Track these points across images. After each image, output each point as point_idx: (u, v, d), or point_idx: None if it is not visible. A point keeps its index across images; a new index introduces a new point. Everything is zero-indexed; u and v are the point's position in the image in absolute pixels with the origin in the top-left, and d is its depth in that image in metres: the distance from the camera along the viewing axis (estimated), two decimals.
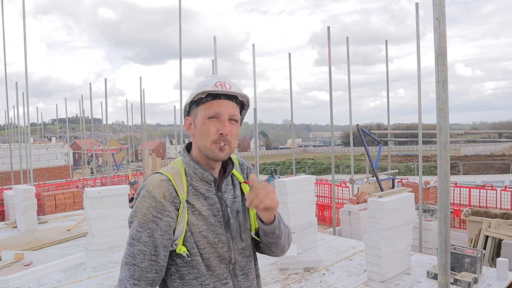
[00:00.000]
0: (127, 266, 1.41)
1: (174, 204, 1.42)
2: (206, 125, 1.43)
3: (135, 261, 1.40)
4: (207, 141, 1.43)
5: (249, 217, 1.58)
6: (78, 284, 4.62)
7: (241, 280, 1.53)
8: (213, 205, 1.47)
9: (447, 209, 1.85)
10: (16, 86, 12.36)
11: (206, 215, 1.45)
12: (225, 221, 1.48)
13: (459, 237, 8.29)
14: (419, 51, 6.52)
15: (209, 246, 1.45)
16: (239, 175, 1.62)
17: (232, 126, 1.44)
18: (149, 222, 1.40)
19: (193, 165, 1.47)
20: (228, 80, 1.47)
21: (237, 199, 1.56)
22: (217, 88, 1.41)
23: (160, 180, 1.43)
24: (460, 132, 9.79)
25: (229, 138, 1.43)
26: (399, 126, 67.97)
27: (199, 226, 1.44)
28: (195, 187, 1.47)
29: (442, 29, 1.67)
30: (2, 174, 15.14)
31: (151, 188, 1.42)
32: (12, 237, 6.87)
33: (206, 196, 1.47)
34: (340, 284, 4.38)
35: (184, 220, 1.42)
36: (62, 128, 28.46)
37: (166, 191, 1.41)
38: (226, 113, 1.43)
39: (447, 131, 1.74)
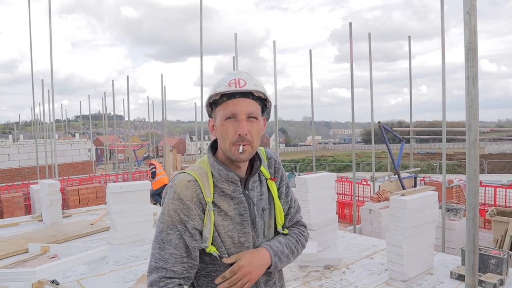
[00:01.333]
0: (159, 269, 1.40)
1: (201, 206, 1.42)
2: (224, 126, 1.39)
3: (167, 265, 1.39)
4: (227, 143, 1.39)
5: (274, 214, 1.58)
6: (101, 277, 4.71)
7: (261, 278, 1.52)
8: (240, 204, 1.46)
9: (475, 209, 1.80)
10: (42, 83, 12.65)
11: (232, 215, 1.45)
12: (251, 219, 1.48)
13: (484, 238, 8.10)
14: (443, 47, 6.38)
15: (234, 246, 1.45)
16: (265, 171, 1.58)
17: (251, 124, 1.39)
18: (177, 224, 1.41)
19: (217, 167, 1.45)
20: (244, 76, 1.41)
21: (263, 196, 1.54)
22: (230, 87, 1.37)
23: (188, 181, 1.42)
24: (485, 130, 9.54)
25: (249, 138, 1.38)
26: (421, 123, 66.83)
27: (225, 226, 1.44)
28: (221, 188, 1.45)
29: (472, 24, 1.62)
30: (28, 169, 15.54)
31: (179, 190, 1.41)
32: (38, 230, 7.05)
33: (232, 196, 1.45)
34: (361, 282, 4.34)
35: (210, 222, 1.41)
36: (85, 125, 29.00)
37: (193, 193, 1.41)
38: (242, 112, 1.38)
39: (477, 128, 1.69)
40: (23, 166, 15.81)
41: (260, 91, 1.40)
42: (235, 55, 9.57)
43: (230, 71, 1.46)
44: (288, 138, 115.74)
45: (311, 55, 11.09)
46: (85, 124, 28.75)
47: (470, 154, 1.74)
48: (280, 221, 1.59)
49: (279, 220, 1.58)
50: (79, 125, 27.44)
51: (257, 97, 1.42)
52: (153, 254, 1.43)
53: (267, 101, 1.47)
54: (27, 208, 10.75)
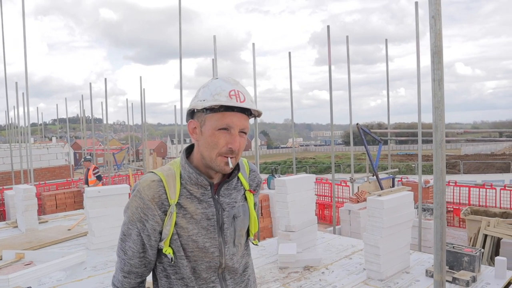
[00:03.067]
0: (119, 259, 1.52)
1: (162, 207, 1.41)
2: (215, 136, 1.36)
3: (125, 256, 1.49)
4: (214, 153, 1.38)
5: (248, 222, 1.58)
6: (78, 283, 4.64)
7: (230, 284, 1.52)
8: (208, 208, 1.45)
9: (442, 207, 1.86)
10: (16, 86, 12.37)
11: (198, 219, 1.43)
12: (219, 225, 1.46)
13: (459, 236, 8.30)
14: (418, 50, 6.53)
15: (198, 250, 1.44)
16: (245, 181, 1.58)
17: (241, 139, 1.40)
18: (137, 221, 1.44)
19: (188, 169, 1.44)
20: (241, 88, 1.40)
21: (236, 204, 1.52)
22: (231, 100, 1.34)
23: (152, 180, 1.42)
24: (460, 131, 9.79)
25: (237, 151, 1.39)
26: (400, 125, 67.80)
27: (189, 229, 1.42)
28: (189, 191, 1.44)
29: (438, 28, 1.68)
30: (2, 174, 15.17)
31: (141, 188, 1.42)
32: (12, 237, 6.89)
33: (200, 199, 1.44)
34: (340, 282, 4.39)
35: (170, 223, 1.40)
36: (63, 128, 28.49)
37: (155, 193, 1.41)
38: (237, 126, 1.37)
39: (443, 129, 1.75)
40: None
41: (258, 111, 1.42)
42: (214, 57, 9.57)
43: (225, 78, 1.42)
44: (269, 140, 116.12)
45: (291, 57, 11.17)
46: (63, 128, 28.24)
47: (437, 154, 1.79)
48: (253, 230, 1.61)
49: (252, 229, 1.61)
50: (56, 128, 26.95)
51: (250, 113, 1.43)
52: (117, 245, 1.53)
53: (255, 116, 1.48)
54: (1, 214, 10.50)
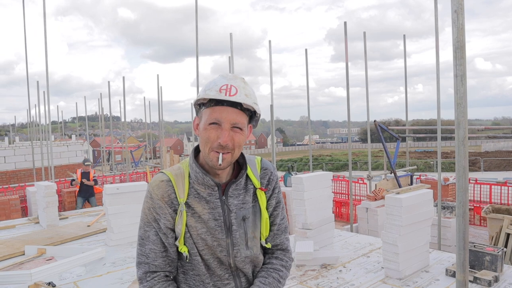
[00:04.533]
0: (142, 265, 1.45)
1: (172, 206, 1.43)
2: (206, 131, 1.36)
3: (148, 259, 1.44)
4: (207, 148, 1.37)
5: (260, 224, 1.53)
6: (98, 278, 4.71)
7: (244, 282, 1.51)
8: (215, 209, 1.44)
9: (465, 206, 1.82)
10: (37, 85, 12.63)
11: (205, 219, 1.43)
12: (226, 226, 1.45)
13: (480, 235, 8.14)
14: (437, 45, 6.41)
15: (207, 248, 1.44)
16: (255, 179, 1.52)
17: (234, 134, 1.36)
18: (152, 222, 1.45)
19: (195, 168, 1.43)
20: (237, 83, 1.36)
21: (246, 205, 1.49)
22: (220, 93, 1.32)
23: (161, 181, 1.44)
24: (480, 127, 9.59)
25: (230, 146, 1.35)
26: (418, 122, 67.01)
27: (198, 228, 1.43)
28: (197, 190, 1.44)
29: (460, 22, 1.63)
30: (24, 171, 15.51)
31: (151, 189, 1.44)
32: (34, 232, 7.04)
33: (207, 200, 1.44)
34: (357, 281, 4.36)
35: (182, 222, 1.41)
36: (82, 126, 28.94)
37: (164, 193, 1.42)
38: (227, 121, 1.34)
39: (466, 126, 1.70)
40: (19, 168, 15.77)
41: (248, 104, 1.35)
42: (231, 55, 9.59)
43: (224, 74, 1.42)
44: (285, 137, 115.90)
45: (307, 54, 11.13)
46: (82, 126, 28.69)
47: (459, 152, 1.75)
48: (264, 233, 1.54)
49: (263, 232, 1.54)
50: (75, 126, 27.40)
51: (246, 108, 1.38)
52: (136, 250, 1.49)
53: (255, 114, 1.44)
54: (24, 210, 10.73)
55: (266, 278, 1.52)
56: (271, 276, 1.53)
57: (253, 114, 1.43)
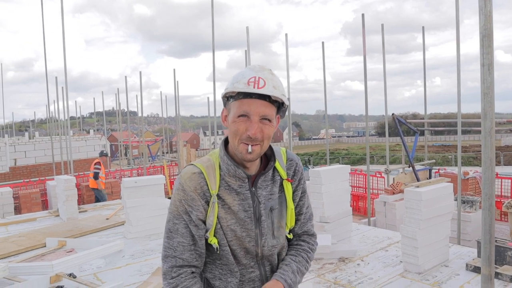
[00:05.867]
0: (169, 258, 1.45)
1: (205, 198, 1.44)
2: (236, 123, 1.38)
3: (175, 253, 1.44)
4: (236, 140, 1.39)
5: (286, 215, 1.55)
6: (117, 270, 4.78)
7: (269, 270, 1.55)
8: (245, 200, 1.46)
9: (491, 199, 1.77)
10: (56, 81, 12.81)
11: (236, 210, 1.45)
12: (256, 217, 1.47)
13: (500, 230, 7.97)
14: (458, 37, 6.26)
15: (236, 239, 1.47)
16: (282, 170, 1.54)
17: (263, 126, 1.37)
18: (182, 214, 1.44)
19: (226, 161, 1.45)
20: (265, 75, 1.37)
21: (273, 196, 1.51)
22: (248, 86, 1.33)
23: (193, 173, 1.45)
24: (501, 120, 9.36)
25: (259, 138, 1.37)
26: (436, 115, 65.83)
27: (228, 219, 1.45)
28: (227, 182, 1.45)
29: (488, 9, 1.58)
30: (44, 165, 15.78)
31: (183, 181, 1.45)
32: (55, 225, 7.17)
33: (238, 191, 1.45)
34: (376, 274, 4.32)
35: (213, 214, 1.43)
36: (100, 121, 29.30)
37: (197, 185, 1.43)
38: (256, 113, 1.35)
39: (493, 116, 1.66)
40: (39, 162, 16.07)
41: (277, 96, 1.36)
42: (247, 49, 9.55)
43: (252, 66, 1.41)
44: (301, 131, 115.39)
45: (324, 48, 11.00)
46: (99, 121, 29.05)
47: (486, 143, 1.71)
48: (289, 224, 1.57)
49: (288, 223, 1.56)
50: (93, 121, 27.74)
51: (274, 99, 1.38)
52: (163, 243, 1.48)
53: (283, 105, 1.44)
54: (44, 203, 10.93)
55: (296, 256, 1.57)
56: (300, 255, 1.59)
57: (280, 105, 1.43)
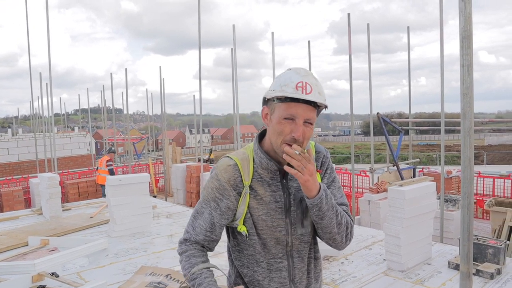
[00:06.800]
0: (187, 234, 1.63)
1: (237, 189, 1.54)
2: (281, 124, 1.45)
3: (193, 232, 1.60)
4: (279, 140, 1.47)
5: None
6: (100, 269, 4.74)
7: (296, 261, 1.62)
8: (276, 191, 1.55)
9: (470, 197, 1.80)
10: (40, 77, 12.60)
11: (267, 201, 1.54)
12: (285, 208, 1.56)
13: (482, 228, 8.13)
14: (442, 37, 6.35)
15: (267, 229, 1.55)
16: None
17: (306, 129, 1.46)
18: (211, 200, 1.57)
19: (259, 154, 1.55)
20: (310, 80, 1.45)
21: None
22: (297, 91, 1.41)
23: (228, 165, 1.56)
24: (484, 120, 9.54)
25: (301, 140, 1.45)
26: (421, 115, 66.77)
27: (259, 210, 1.54)
28: (260, 174, 1.55)
29: (467, 11, 1.61)
30: (27, 163, 15.56)
31: (219, 172, 1.56)
32: (38, 224, 7.07)
33: (270, 183, 1.55)
34: (359, 273, 4.37)
35: (245, 203, 1.54)
36: (85, 118, 28.94)
37: (231, 176, 1.54)
38: (301, 117, 1.44)
39: (472, 116, 1.69)
40: (22, 160, 15.83)
41: (323, 103, 1.46)
42: (233, 47, 9.53)
43: (297, 69, 1.48)
44: None
45: (310, 47, 11.03)
46: (84, 118, 28.70)
47: (465, 143, 1.74)
48: None
49: None
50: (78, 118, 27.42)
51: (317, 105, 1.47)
52: (189, 219, 1.64)
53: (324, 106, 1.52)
54: (27, 201, 10.78)
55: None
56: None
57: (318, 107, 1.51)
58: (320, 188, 1.46)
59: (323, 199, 1.46)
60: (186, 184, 11.93)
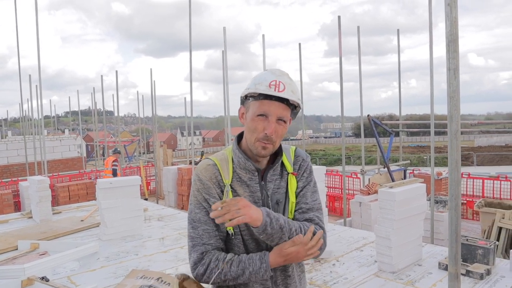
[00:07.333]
0: (197, 247, 1.54)
1: (219, 187, 1.56)
2: (254, 121, 1.49)
3: (203, 240, 1.54)
4: (253, 137, 1.51)
5: (288, 208, 1.63)
6: (91, 273, 4.70)
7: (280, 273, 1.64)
8: (254, 193, 1.57)
9: (457, 199, 1.83)
10: (29, 79, 12.50)
11: None
12: None
13: (472, 229, 8.21)
14: (431, 40, 6.42)
15: (247, 229, 1.55)
16: (289, 164, 1.66)
17: (279, 127, 1.50)
18: (202, 202, 1.56)
19: (238, 154, 1.57)
20: (285, 79, 1.49)
21: (280, 190, 1.62)
22: (270, 89, 1.46)
23: (207, 164, 1.59)
24: (473, 122, 9.64)
25: (274, 138, 1.49)
26: (412, 117, 67.15)
27: None
28: (239, 174, 1.57)
29: (453, 16, 1.65)
30: (17, 165, 15.40)
31: (199, 172, 1.58)
32: (27, 227, 7.00)
33: (248, 184, 1.57)
34: (350, 274, 4.38)
35: None
36: (75, 121, 28.72)
37: (212, 175, 1.56)
38: (274, 114, 1.47)
39: (458, 119, 1.72)
40: (11, 162, 15.68)
41: (294, 100, 1.50)
42: (224, 49, 9.54)
43: (273, 70, 1.54)
44: None
45: (301, 49, 11.09)
46: (75, 120, 28.48)
47: (452, 145, 1.77)
48: (291, 217, 1.64)
49: (289, 215, 1.64)
50: (68, 121, 27.21)
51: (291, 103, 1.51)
52: (188, 236, 1.58)
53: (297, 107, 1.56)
54: (16, 205, 10.66)
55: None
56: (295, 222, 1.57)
57: (293, 108, 1.55)
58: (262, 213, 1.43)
59: (268, 225, 1.44)
60: (178, 187, 11.90)
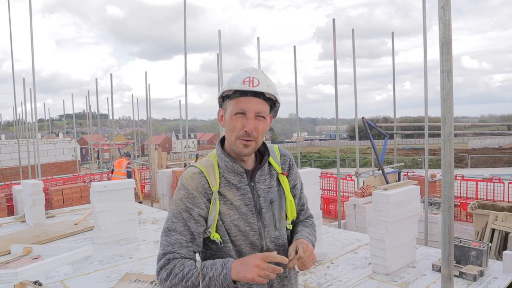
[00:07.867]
0: (167, 254, 1.49)
1: (206, 195, 1.51)
2: (233, 120, 1.47)
3: (174, 249, 1.49)
4: (233, 136, 1.48)
5: (285, 206, 1.63)
6: (85, 277, 4.67)
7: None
8: (245, 195, 1.54)
9: (450, 201, 1.84)
10: (23, 82, 12.41)
11: (237, 205, 1.53)
12: (257, 210, 1.55)
13: (466, 231, 8.25)
14: (425, 43, 6.46)
15: (240, 234, 1.53)
16: (276, 165, 1.65)
17: (258, 122, 1.47)
18: (182, 212, 1.51)
19: (224, 158, 1.54)
20: (259, 75, 1.48)
21: (272, 189, 1.61)
22: (244, 85, 1.45)
23: (193, 173, 1.54)
24: (467, 124, 9.71)
25: (255, 135, 1.47)
26: (406, 119, 67.52)
27: (231, 215, 1.52)
28: (227, 179, 1.54)
29: (447, 18, 1.66)
30: (10, 169, 15.29)
31: (185, 181, 1.53)
32: (21, 231, 6.94)
33: (238, 186, 1.54)
34: (345, 277, 4.39)
35: (215, 210, 1.50)
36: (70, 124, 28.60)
37: (198, 183, 1.51)
38: (251, 110, 1.46)
39: (452, 121, 1.73)
40: (5, 166, 15.56)
41: (271, 93, 1.48)
42: (219, 51, 9.55)
43: (245, 68, 1.53)
44: (274, 134, 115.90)
45: (296, 52, 11.11)
46: (69, 123, 28.36)
47: (445, 147, 1.77)
48: (290, 216, 1.65)
49: (289, 215, 1.64)
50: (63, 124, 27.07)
51: (268, 98, 1.50)
52: (160, 243, 1.54)
53: (277, 102, 1.55)
54: (10, 209, 10.57)
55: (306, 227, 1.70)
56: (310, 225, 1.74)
57: (272, 105, 1.54)
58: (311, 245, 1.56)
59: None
60: (172, 190, 11.85)
